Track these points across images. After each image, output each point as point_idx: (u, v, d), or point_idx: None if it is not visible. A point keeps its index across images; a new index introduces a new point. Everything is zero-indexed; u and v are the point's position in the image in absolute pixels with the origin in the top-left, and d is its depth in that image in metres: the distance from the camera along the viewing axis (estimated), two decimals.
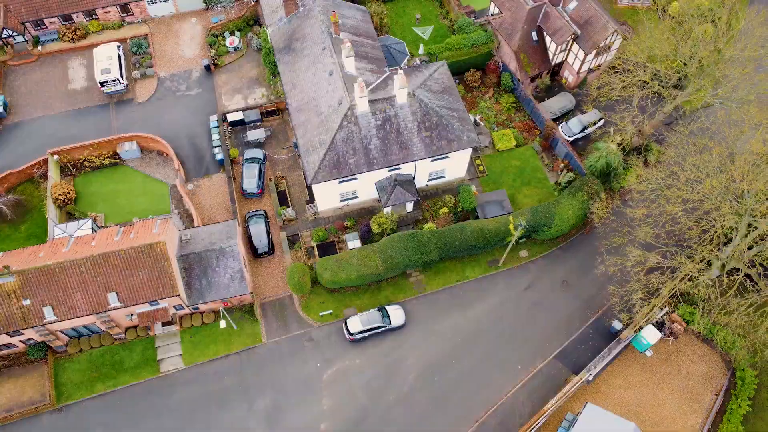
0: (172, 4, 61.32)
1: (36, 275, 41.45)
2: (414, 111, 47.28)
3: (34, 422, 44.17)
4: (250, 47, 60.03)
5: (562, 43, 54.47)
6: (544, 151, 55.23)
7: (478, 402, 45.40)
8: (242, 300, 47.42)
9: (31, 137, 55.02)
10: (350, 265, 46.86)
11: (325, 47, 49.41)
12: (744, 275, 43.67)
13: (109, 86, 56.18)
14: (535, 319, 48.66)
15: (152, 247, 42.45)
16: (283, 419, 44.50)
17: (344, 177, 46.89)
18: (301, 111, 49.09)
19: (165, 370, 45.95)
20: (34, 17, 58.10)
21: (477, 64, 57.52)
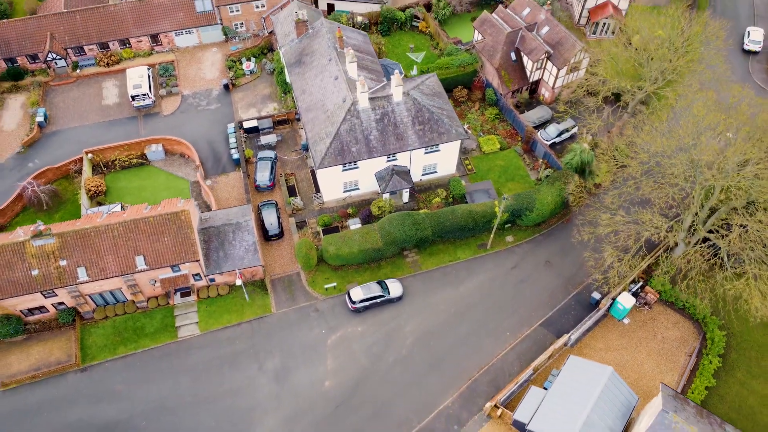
0: (196, 37, 69.97)
1: (73, 238, 46.64)
2: (408, 108, 54.24)
3: (60, 380, 47.70)
4: (264, 70, 68.02)
5: (537, 60, 62.48)
6: (526, 153, 61.82)
7: (470, 363, 49.15)
8: (254, 274, 52.15)
9: (67, 142, 61.66)
10: (353, 240, 52.09)
11: (331, 58, 57.15)
12: (703, 240, 48.99)
13: (139, 100, 63.53)
14: (522, 294, 53.24)
15: (177, 215, 47.94)
16: (291, 377, 48.10)
17: (348, 163, 53.11)
18: (309, 110, 56.06)
19: (182, 336, 49.96)
20: (76, 44, 66.46)
21: (464, 82, 65.27)
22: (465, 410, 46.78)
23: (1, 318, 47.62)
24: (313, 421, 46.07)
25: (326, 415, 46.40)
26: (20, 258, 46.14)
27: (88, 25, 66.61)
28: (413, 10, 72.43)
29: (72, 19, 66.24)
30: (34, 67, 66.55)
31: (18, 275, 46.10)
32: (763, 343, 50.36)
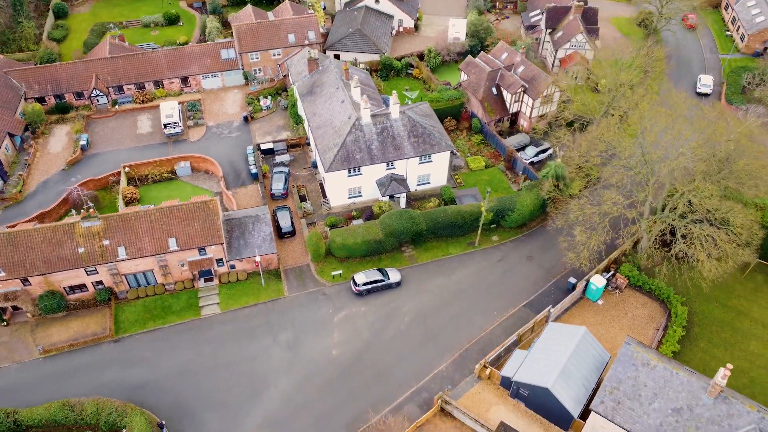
0: (220, 80, 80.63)
1: (116, 221, 54.11)
2: (404, 123, 63.44)
3: (95, 349, 53.30)
4: (279, 106, 78.03)
5: (515, 93, 72.67)
6: (508, 170, 70.47)
7: (462, 336, 55.00)
8: (270, 263, 58.98)
9: (105, 162, 70.19)
10: (357, 233, 59.48)
11: (338, 87, 67.12)
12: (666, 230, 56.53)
13: (170, 128, 72.84)
14: (507, 281, 59.90)
15: (206, 204, 55.72)
16: (302, 347, 53.79)
17: (352, 168, 61.49)
18: (319, 128, 65.21)
19: (205, 314, 56.05)
20: (117, 84, 76.82)
21: (453, 113, 75.07)
22: (457, 373, 52.21)
23: (47, 293, 53.96)
24: (322, 382, 51.37)
25: (334, 377, 51.76)
26: (70, 237, 53.30)
27: (128, 68, 77.34)
28: (408, 59, 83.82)
29: (115, 63, 77.04)
30: (78, 103, 76.51)
31: (66, 252, 53.05)
32: (722, 319, 56.56)
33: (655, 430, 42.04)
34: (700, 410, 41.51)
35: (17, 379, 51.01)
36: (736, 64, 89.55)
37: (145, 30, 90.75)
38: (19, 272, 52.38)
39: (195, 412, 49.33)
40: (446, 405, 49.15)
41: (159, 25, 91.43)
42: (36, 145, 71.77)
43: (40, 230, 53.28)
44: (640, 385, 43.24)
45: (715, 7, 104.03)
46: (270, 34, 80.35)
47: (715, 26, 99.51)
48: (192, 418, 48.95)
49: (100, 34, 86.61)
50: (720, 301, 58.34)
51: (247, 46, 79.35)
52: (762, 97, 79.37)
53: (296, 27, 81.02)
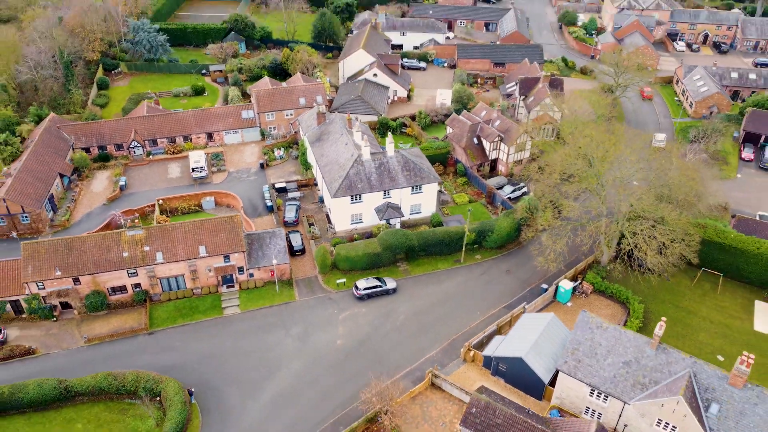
0: (240, 136, 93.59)
1: (156, 231, 64.29)
2: (399, 160, 75.24)
3: (132, 340, 61.51)
4: (290, 156, 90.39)
5: (493, 141, 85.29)
6: (488, 204, 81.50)
7: (450, 330, 63.43)
8: (283, 273, 68.34)
9: (141, 199, 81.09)
10: (358, 247, 69.41)
11: (342, 134, 79.63)
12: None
13: (197, 172, 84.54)
14: (488, 289, 69.05)
15: (231, 218, 66.17)
16: (311, 338, 62.08)
17: (355, 195, 72.44)
18: (327, 165, 76.91)
19: (227, 313, 64.74)
20: (152, 137, 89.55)
21: (441, 160, 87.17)
22: (446, 357, 60.32)
23: (93, 292, 62.96)
24: (328, 365, 59.32)
25: (338, 361, 59.76)
26: (116, 243, 63.18)
27: (162, 125, 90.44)
28: (402, 120, 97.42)
29: (151, 121, 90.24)
30: (118, 153, 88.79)
31: (113, 256, 62.71)
32: (675, 316, 65.29)
33: (610, 381, 50.07)
34: (645, 361, 49.79)
35: (65, 362, 58.89)
36: (685, 124, 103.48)
37: (175, 99, 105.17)
38: (72, 272, 61.80)
39: (218, 387, 56.98)
40: (435, 379, 56.94)
41: (187, 95, 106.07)
42: (81, 185, 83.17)
43: (92, 237, 63.36)
44: (596, 344, 51.70)
45: (668, 82, 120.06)
46: (284, 97, 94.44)
47: (668, 97, 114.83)
48: (215, 391, 56.52)
49: (136, 102, 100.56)
50: (673, 303, 67.40)
51: (264, 108, 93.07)
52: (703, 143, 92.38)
53: (306, 92, 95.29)
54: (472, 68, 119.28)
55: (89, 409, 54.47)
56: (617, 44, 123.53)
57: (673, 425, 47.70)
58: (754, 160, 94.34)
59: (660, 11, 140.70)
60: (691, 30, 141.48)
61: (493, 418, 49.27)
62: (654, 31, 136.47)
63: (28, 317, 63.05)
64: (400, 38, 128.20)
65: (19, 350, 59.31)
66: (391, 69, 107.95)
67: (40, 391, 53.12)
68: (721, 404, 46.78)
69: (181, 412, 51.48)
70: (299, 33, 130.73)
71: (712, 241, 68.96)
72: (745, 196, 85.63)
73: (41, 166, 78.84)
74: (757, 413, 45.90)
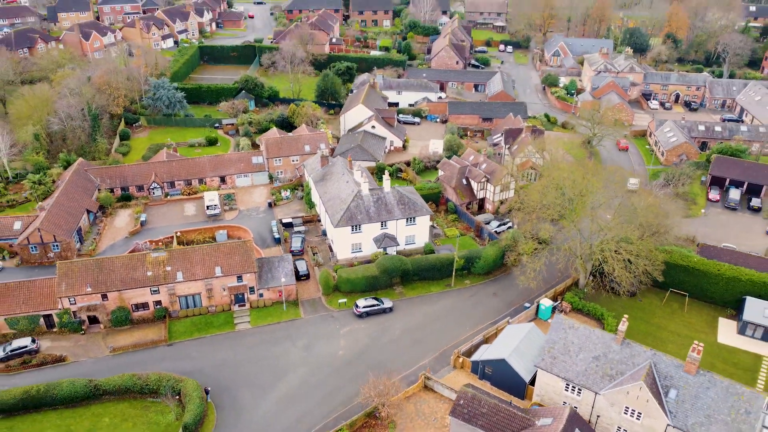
0: (250, 180, 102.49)
1: (177, 253, 71.78)
2: (394, 195, 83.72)
3: (152, 351, 67.73)
4: (296, 197, 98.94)
5: (480, 182, 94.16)
6: (476, 237, 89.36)
7: (441, 342, 69.85)
8: (290, 294, 75.24)
9: (160, 233, 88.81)
10: (358, 270, 76.72)
11: (344, 173, 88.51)
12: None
13: (211, 210, 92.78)
14: (477, 309, 75.85)
15: (244, 243, 73.85)
16: (315, 349, 68.38)
17: (355, 226, 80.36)
18: (330, 200, 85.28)
19: (239, 328, 71.23)
20: (170, 179, 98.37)
21: (433, 199, 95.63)
22: (438, 364, 66.56)
23: (118, 308, 69.69)
24: (331, 371, 65.44)
25: (340, 367, 65.92)
26: (142, 264, 70.51)
27: (180, 169, 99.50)
28: (398, 165, 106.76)
29: (170, 165, 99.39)
30: (139, 194, 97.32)
31: (138, 275, 69.89)
32: (647, 331, 71.83)
33: (582, 374, 56.40)
34: (612, 355, 56.29)
35: (92, 368, 64.90)
36: (657, 170, 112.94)
37: (191, 148, 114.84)
38: (101, 288, 68.80)
39: (231, 388, 62.90)
40: (428, 381, 63.00)
41: (201, 145, 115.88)
42: (105, 221, 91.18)
43: (120, 258, 70.82)
44: (569, 343, 58.28)
45: (643, 135, 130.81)
46: (290, 145, 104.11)
47: (642, 148, 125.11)
48: (229, 392, 62.40)
49: (155, 151, 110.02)
50: (644, 320, 74.11)
51: (273, 154, 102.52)
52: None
53: (311, 140, 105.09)
54: (462, 123, 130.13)
55: (115, 405, 60.26)
56: (595, 101, 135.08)
57: (639, 411, 53.70)
58: (719, 200, 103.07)
59: (634, 74, 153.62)
60: (663, 90, 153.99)
61: (479, 408, 55.20)
62: (629, 91, 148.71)
63: (59, 331, 69.46)
64: (396, 97, 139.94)
65: (51, 358, 65.50)
66: (387, 122, 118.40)
67: (72, 388, 59.09)
68: (679, 389, 53.04)
69: (199, 405, 57.33)
70: (304, 92, 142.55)
71: (677, 264, 76.47)
72: (712, 231, 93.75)
73: (71, 202, 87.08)
74: (709, 396, 52.11)
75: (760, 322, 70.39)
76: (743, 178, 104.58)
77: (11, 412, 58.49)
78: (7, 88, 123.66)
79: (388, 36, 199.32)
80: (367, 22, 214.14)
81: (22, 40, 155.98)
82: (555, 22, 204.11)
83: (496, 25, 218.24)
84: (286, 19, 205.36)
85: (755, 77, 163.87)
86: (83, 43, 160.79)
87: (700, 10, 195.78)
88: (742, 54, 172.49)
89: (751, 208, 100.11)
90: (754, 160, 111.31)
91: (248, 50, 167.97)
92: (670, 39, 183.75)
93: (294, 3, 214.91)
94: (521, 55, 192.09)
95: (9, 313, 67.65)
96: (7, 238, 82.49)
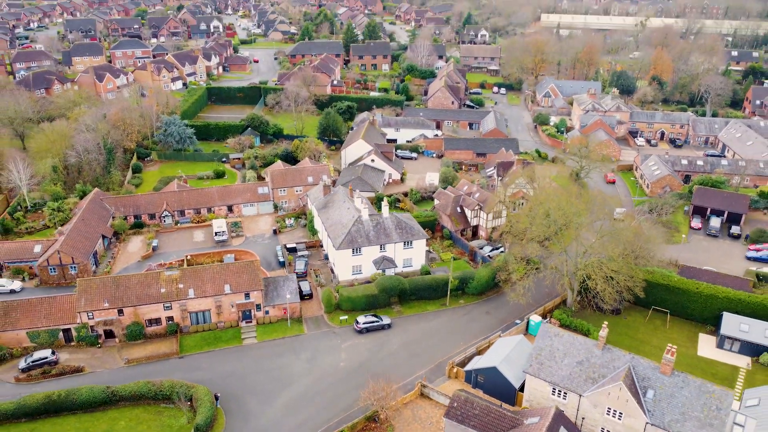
0: (256, 209, 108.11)
1: (189, 271, 76.71)
2: (392, 220, 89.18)
3: (165, 362, 71.86)
4: (299, 225, 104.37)
5: (473, 209, 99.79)
6: (470, 261, 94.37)
7: (436, 355, 74.07)
8: (294, 311, 79.76)
9: (170, 257, 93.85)
10: (359, 289, 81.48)
11: (345, 201, 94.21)
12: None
13: (219, 236, 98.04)
14: (470, 326, 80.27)
15: (252, 263, 78.86)
16: (318, 361, 72.54)
17: (355, 248, 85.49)
18: (332, 225, 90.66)
19: (246, 343, 75.48)
20: (180, 208, 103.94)
21: (429, 226, 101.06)
22: (433, 375, 70.66)
23: (133, 323, 74.13)
24: (333, 380, 69.51)
25: (342, 377, 70.00)
26: (156, 281, 75.32)
27: (190, 198, 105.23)
28: (396, 196, 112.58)
29: (180, 195, 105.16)
30: (150, 222, 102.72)
31: (152, 291, 74.62)
32: (630, 345, 75.92)
33: (567, 378, 60.63)
34: (594, 359, 60.66)
35: (108, 378, 68.88)
36: (642, 201, 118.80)
37: (200, 181, 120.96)
38: (117, 304, 73.42)
39: (239, 396, 66.84)
40: (424, 389, 67.03)
41: (210, 178, 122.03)
42: (119, 246, 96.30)
43: (136, 275, 75.70)
44: (554, 349, 62.68)
45: (629, 169, 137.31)
46: (294, 176, 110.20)
47: (629, 181, 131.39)
48: (237, 399, 66.33)
49: (166, 183, 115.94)
50: (629, 335, 78.48)
51: (277, 184, 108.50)
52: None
53: (314, 172, 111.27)
54: (457, 158, 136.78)
55: (131, 410, 64.12)
56: (583, 138, 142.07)
57: (620, 411, 57.76)
58: (701, 228, 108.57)
59: (620, 113, 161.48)
60: (649, 128, 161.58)
61: (471, 409, 59.20)
62: (616, 129, 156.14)
63: (77, 344, 73.69)
64: (394, 134, 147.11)
65: (69, 368, 69.58)
66: (386, 156, 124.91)
67: (91, 393, 63.12)
68: (656, 390, 57.29)
69: (210, 408, 61.31)
70: (307, 130, 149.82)
71: (659, 283, 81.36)
72: (694, 256, 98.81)
73: (88, 228, 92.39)
74: (683, 395, 56.34)
75: (736, 335, 74.81)
76: (723, 207, 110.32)
77: (34, 415, 62.36)
78: (25, 125, 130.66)
79: (387, 79, 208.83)
80: (367, 66, 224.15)
81: (39, 81, 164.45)
82: (546, 66, 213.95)
83: (490, 69, 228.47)
84: (290, 63, 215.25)
85: (737, 116, 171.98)
86: (97, 84, 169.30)
87: (683, 55, 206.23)
88: (724, 95, 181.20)
89: (731, 235, 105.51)
90: (733, 190, 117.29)
91: (254, 91, 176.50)
92: (655, 81, 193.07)
93: (297, 48, 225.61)
94: (514, 97, 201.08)
95: (31, 327, 72.07)
96: (27, 260, 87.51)
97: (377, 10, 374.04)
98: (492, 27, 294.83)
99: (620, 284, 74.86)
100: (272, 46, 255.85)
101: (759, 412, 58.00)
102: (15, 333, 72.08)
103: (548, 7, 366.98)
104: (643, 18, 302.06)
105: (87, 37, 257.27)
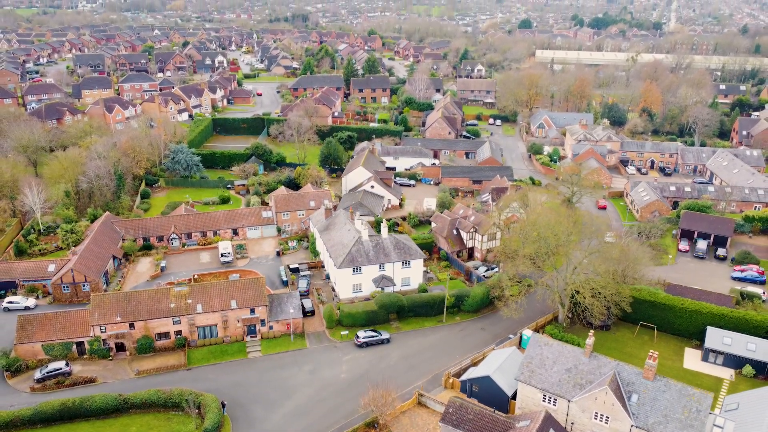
0: (260, 232, 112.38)
1: (197, 287, 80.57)
2: (391, 241, 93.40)
3: (173, 374, 75.10)
4: (301, 247, 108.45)
5: (468, 231, 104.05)
6: (466, 280, 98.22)
7: (433, 367, 77.39)
8: (297, 327, 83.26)
9: (178, 277, 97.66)
10: (359, 306, 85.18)
11: (346, 223, 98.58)
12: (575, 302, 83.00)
13: (225, 257, 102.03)
14: (466, 341, 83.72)
15: (257, 279, 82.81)
16: (320, 372, 75.84)
17: (356, 268, 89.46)
18: (333, 246, 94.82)
19: (251, 356, 78.83)
20: (187, 231, 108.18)
21: (426, 248, 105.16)
22: (430, 385, 73.94)
23: (143, 337, 77.61)
24: (334, 390, 72.74)
25: (343, 387, 73.23)
26: (165, 297, 79.09)
27: (196, 222, 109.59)
28: (395, 220, 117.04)
29: (187, 218, 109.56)
30: (158, 244, 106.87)
31: (162, 306, 78.32)
32: (619, 359, 79.20)
33: (556, 384, 63.99)
34: (582, 366, 64.13)
35: (120, 388, 72.01)
36: (632, 225, 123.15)
37: (206, 206, 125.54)
38: (129, 318, 77.04)
39: (245, 404, 69.98)
40: (421, 397, 70.22)
41: (215, 203, 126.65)
42: (128, 266, 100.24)
43: (147, 291, 79.48)
44: (544, 357, 66.18)
45: (620, 196, 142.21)
46: (297, 200, 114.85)
47: (620, 207, 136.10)
48: (243, 407, 69.45)
49: (173, 208, 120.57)
50: (617, 349, 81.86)
51: (281, 208, 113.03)
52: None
53: (316, 197, 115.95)
54: (453, 185, 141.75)
55: (141, 417, 67.21)
56: (575, 166, 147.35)
57: (606, 415, 61.01)
58: (689, 250, 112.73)
59: (611, 142, 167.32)
60: (639, 157, 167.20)
61: (466, 414, 62.50)
62: (607, 158, 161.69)
63: (89, 357, 77.04)
64: (393, 162, 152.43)
65: (82, 379, 72.81)
66: (385, 182, 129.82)
67: (104, 401, 66.30)
68: (639, 394, 60.66)
69: (218, 414, 64.45)
70: (309, 158, 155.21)
71: (646, 300, 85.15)
72: (682, 276, 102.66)
73: (99, 249, 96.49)
74: (665, 398, 59.72)
75: (720, 348, 78.26)
76: (710, 230, 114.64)
77: (49, 422, 65.42)
78: (39, 152, 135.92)
79: (386, 111, 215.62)
80: (367, 99, 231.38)
81: (51, 112, 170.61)
82: (540, 98, 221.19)
83: (485, 101, 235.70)
84: (292, 96, 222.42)
85: (724, 146, 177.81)
86: (107, 115, 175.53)
87: (672, 88, 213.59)
88: (711, 126, 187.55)
89: (717, 257, 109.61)
90: (719, 215, 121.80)
91: (257, 122, 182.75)
92: (645, 113, 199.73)
93: (299, 82, 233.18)
94: (509, 128, 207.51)
95: (46, 340, 75.53)
96: (41, 279, 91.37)
97: (377, 46, 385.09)
98: (488, 62, 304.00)
99: (608, 299, 78.71)
100: (275, 80, 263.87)
101: (737, 415, 61.25)
102: (31, 345, 75.52)
103: (543, 43, 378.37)
104: (635, 53, 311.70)
105: (95, 71, 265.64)
